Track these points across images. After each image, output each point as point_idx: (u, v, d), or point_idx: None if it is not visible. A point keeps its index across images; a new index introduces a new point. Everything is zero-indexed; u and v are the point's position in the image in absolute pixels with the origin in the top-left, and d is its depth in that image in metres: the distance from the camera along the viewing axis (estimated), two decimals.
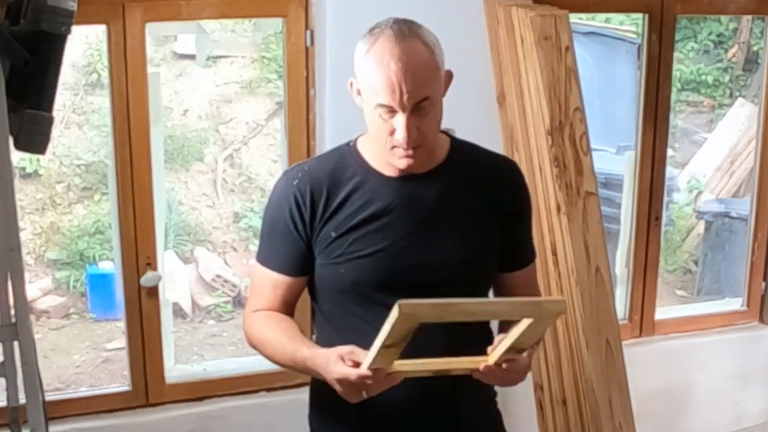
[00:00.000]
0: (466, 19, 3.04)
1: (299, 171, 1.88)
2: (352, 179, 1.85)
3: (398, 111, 1.73)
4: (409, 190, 1.84)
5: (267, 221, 1.92)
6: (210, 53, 7.08)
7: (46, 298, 5.98)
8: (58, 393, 4.22)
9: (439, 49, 1.81)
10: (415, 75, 1.72)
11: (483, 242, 1.90)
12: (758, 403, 3.94)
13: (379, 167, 1.85)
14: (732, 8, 3.72)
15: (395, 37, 1.75)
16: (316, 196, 1.84)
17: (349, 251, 1.83)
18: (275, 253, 1.88)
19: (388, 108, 1.74)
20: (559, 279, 2.93)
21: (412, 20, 1.83)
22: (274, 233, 1.88)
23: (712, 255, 6.09)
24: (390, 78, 1.71)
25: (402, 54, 1.72)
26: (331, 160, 1.90)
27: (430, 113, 1.77)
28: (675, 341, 3.77)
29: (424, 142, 1.78)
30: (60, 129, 6.41)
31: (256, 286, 1.94)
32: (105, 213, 6.34)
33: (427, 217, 1.85)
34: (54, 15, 2.04)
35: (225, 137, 7.10)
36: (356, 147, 1.90)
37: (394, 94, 1.72)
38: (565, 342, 2.95)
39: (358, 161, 1.87)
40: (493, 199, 1.91)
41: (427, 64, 1.76)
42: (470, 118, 3.10)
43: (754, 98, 6.74)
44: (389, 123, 1.75)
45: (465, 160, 1.92)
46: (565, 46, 2.90)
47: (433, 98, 1.77)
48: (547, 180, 2.91)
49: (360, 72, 1.78)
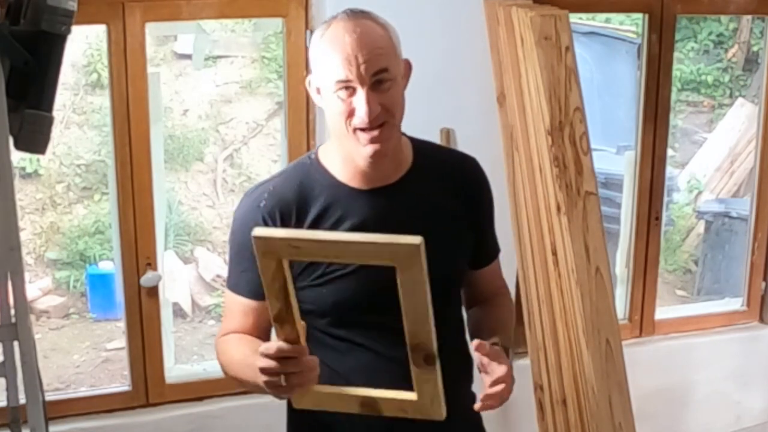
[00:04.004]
0: (466, 19, 3.04)
1: (264, 192, 1.79)
2: (321, 196, 1.77)
3: (357, 86, 1.67)
4: (382, 202, 1.78)
5: (234, 247, 1.83)
6: (210, 53, 7.09)
7: (46, 298, 5.98)
8: (58, 393, 4.23)
9: (395, 33, 1.77)
10: (370, 44, 1.68)
11: (461, 245, 1.88)
12: (758, 403, 3.94)
13: (346, 180, 1.78)
14: (732, 8, 3.72)
15: (348, 17, 1.71)
16: (286, 218, 1.76)
17: (329, 271, 1.75)
18: (245, 279, 1.80)
19: (346, 84, 1.67)
20: (559, 279, 2.93)
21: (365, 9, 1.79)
22: (243, 258, 1.78)
23: (712, 255, 6.09)
24: (346, 51, 1.66)
25: (356, 27, 1.69)
26: (295, 177, 1.80)
27: (391, 90, 1.71)
28: (675, 341, 3.77)
29: (389, 120, 1.72)
30: (60, 129, 6.41)
31: (228, 312, 1.86)
32: (105, 213, 6.35)
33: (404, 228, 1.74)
34: (54, 15, 2.04)
35: (225, 137, 7.10)
36: (319, 160, 1.82)
37: (350, 66, 1.66)
38: (565, 342, 2.95)
39: (323, 175, 1.80)
40: (465, 199, 1.88)
41: (382, 37, 1.72)
42: (470, 118, 3.10)
43: (754, 98, 6.75)
44: (348, 103, 1.68)
45: (431, 163, 1.87)
46: (565, 46, 2.90)
47: (392, 71, 1.71)
48: (547, 180, 2.91)
49: (316, 60, 1.73)
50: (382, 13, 2.53)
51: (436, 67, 3.03)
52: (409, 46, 2.99)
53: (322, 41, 1.71)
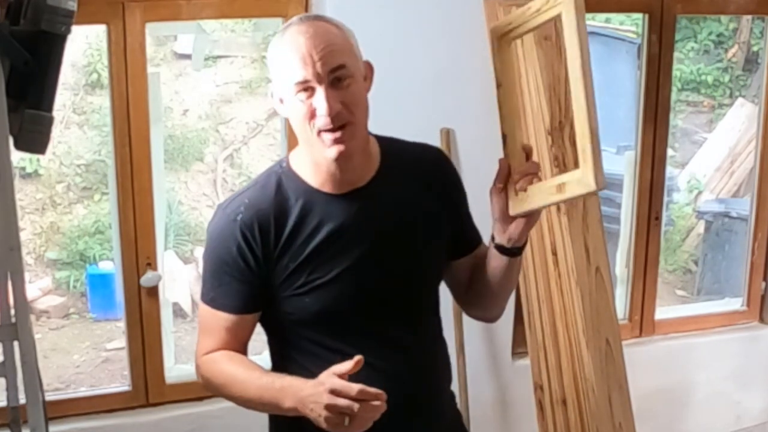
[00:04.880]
0: (466, 19, 3.04)
1: (240, 205, 1.76)
2: (297, 204, 1.75)
3: (316, 85, 1.65)
4: (357, 205, 1.77)
5: (211, 261, 1.79)
6: (210, 53, 7.09)
7: (46, 298, 5.98)
8: (58, 393, 4.23)
9: (351, 34, 1.74)
10: (325, 42, 1.66)
11: (438, 241, 1.87)
12: (758, 403, 3.94)
13: (318, 185, 1.76)
14: (732, 8, 3.72)
15: (301, 21, 1.70)
16: (265, 230, 1.74)
17: (311, 279, 1.74)
18: (225, 293, 1.77)
19: (305, 85, 1.65)
20: (559, 279, 2.93)
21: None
22: (221, 273, 1.76)
23: (712, 255, 6.09)
24: (301, 51, 1.65)
25: (309, 28, 1.67)
26: (269, 187, 1.78)
27: (351, 87, 1.68)
28: (675, 341, 3.77)
29: (352, 119, 1.68)
30: (60, 129, 6.42)
31: (207, 327, 1.82)
32: (105, 213, 6.35)
33: (382, 230, 1.78)
34: (54, 15, 2.03)
35: (225, 137, 7.10)
36: (290, 167, 1.80)
37: (306, 66, 1.64)
38: (565, 342, 2.95)
39: (297, 183, 1.77)
40: (436, 192, 1.87)
41: (336, 35, 1.69)
42: (470, 118, 3.10)
43: (754, 98, 6.75)
44: (309, 104, 1.66)
45: (400, 161, 1.84)
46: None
47: (349, 68, 1.68)
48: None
49: (273, 69, 1.71)
50: (383, 13, 2.54)
51: (436, 67, 3.03)
52: (409, 46, 3.01)
53: (278, 48, 1.70)
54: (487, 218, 3.10)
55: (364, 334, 1.78)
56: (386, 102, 2.68)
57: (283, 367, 1.81)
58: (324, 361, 1.71)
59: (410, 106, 3.01)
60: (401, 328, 1.81)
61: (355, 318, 1.78)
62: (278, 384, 1.69)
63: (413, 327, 1.83)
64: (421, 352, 1.84)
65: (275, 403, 1.70)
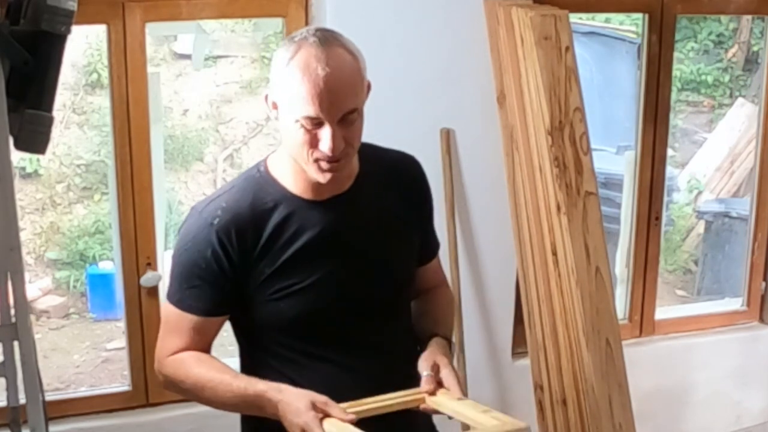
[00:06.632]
0: (466, 19, 3.04)
1: (217, 209, 1.73)
2: (276, 209, 1.74)
3: (324, 122, 1.64)
4: (337, 212, 1.76)
5: (183, 264, 1.76)
6: (210, 53, 7.09)
7: (46, 298, 5.98)
8: (58, 393, 4.22)
9: (363, 59, 1.70)
10: (342, 83, 1.63)
11: (411, 247, 1.89)
12: (758, 403, 3.94)
13: (299, 192, 1.75)
14: (732, 8, 3.72)
15: (320, 44, 1.64)
16: (243, 235, 1.71)
17: (288, 285, 1.73)
18: (195, 296, 1.75)
19: (314, 120, 1.64)
20: (559, 279, 2.93)
21: (333, 30, 1.73)
22: (193, 276, 1.74)
23: (712, 255, 6.09)
24: (318, 86, 1.61)
25: (329, 61, 1.62)
26: (247, 192, 1.75)
27: (355, 123, 1.68)
28: (675, 341, 3.77)
29: (350, 152, 1.70)
30: (60, 129, 6.41)
31: (172, 327, 1.80)
32: (105, 213, 6.35)
33: (361, 237, 1.79)
34: (54, 15, 2.04)
35: (225, 137, 7.10)
36: (269, 172, 1.78)
37: (322, 105, 1.62)
38: (565, 342, 2.95)
39: (275, 188, 1.76)
40: (410, 200, 1.88)
41: (353, 72, 1.66)
42: (470, 118, 3.11)
43: (754, 98, 6.74)
44: (312, 134, 1.65)
45: (377, 168, 1.84)
46: (565, 46, 2.90)
47: (359, 108, 1.68)
48: (547, 180, 2.91)
49: (280, 82, 1.67)
50: (383, 13, 2.54)
51: (436, 67, 3.03)
52: (409, 46, 3.01)
53: (291, 65, 1.65)
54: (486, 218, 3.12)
55: (340, 339, 1.79)
56: (386, 102, 2.69)
57: (254, 370, 1.80)
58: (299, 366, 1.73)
59: (410, 106, 3.01)
60: (377, 331, 1.82)
61: (332, 323, 1.78)
62: (253, 391, 1.70)
63: (389, 330, 1.85)
64: (396, 352, 1.86)
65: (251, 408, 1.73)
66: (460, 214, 3.15)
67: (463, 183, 3.14)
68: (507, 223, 3.13)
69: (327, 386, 1.71)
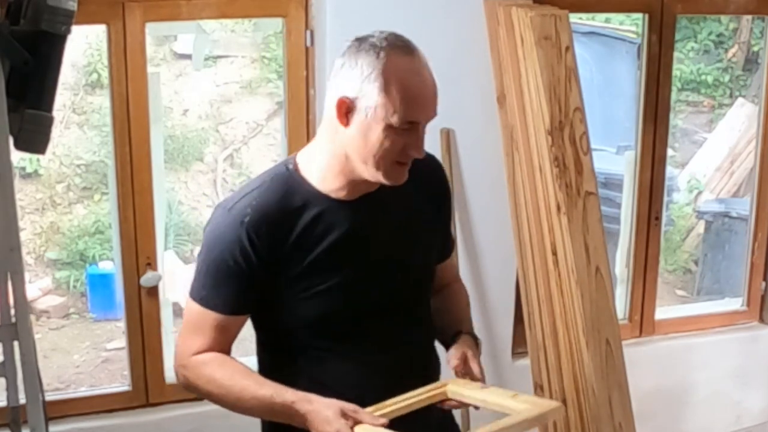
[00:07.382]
0: (466, 19, 3.04)
1: (247, 207, 1.73)
2: (306, 208, 1.74)
3: (420, 124, 1.69)
4: (366, 211, 1.77)
5: (210, 261, 1.76)
6: (210, 53, 7.08)
7: (46, 298, 5.98)
8: (58, 393, 4.22)
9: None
10: (434, 91, 1.70)
11: (435, 246, 1.93)
12: (758, 403, 3.94)
13: (328, 192, 1.76)
14: (732, 8, 3.72)
15: (403, 51, 1.67)
16: (273, 233, 1.71)
17: (315, 284, 1.74)
18: (223, 293, 1.75)
19: (412, 123, 1.67)
20: (559, 279, 2.93)
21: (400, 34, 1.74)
22: (221, 273, 1.74)
23: (712, 255, 6.09)
24: (423, 93, 1.67)
25: (420, 68, 1.68)
26: (276, 190, 1.75)
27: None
28: (675, 341, 3.77)
29: None
30: (60, 129, 6.41)
31: (195, 325, 1.79)
32: (105, 213, 6.34)
33: (388, 236, 1.81)
34: (54, 15, 2.04)
35: (225, 137, 7.10)
36: (298, 170, 1.78)
37: (426, 110, 1.68)
38: (565, 342, 2.95)
39: (305, 187, 1.76)
40: (434, 200, 1.91)
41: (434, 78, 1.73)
42: (470, 118, 3.10)
43: (754, 98, 6.74)
44: (402, 139, 1.67)
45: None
46: (565, 46, 2.90)
47: None
48: (547, 180, 2.91)
49: (370, 91, 1.65)
50: (383, 13, 2.54)
51: (436, 67, 3.01)
52: None
53: (383, 73, 1.64)
54: (485, 217, 3.13)
55: (365, 337, 1.80)
56: None
57: (275, 368, 1.81)
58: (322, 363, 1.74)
59: None
60: (400, 328, 1.83)
61: (357, 321, 1.79)
62: (279, 400, 1.70)
63: (411, 326, 1.86)
64: (421, 347, 1.89)
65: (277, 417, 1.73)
66: (460, 214, 3.15)
67: (463, 183, 3.14)
68: (507, 223, 3.13)
69: (351, 384, 1.73)
